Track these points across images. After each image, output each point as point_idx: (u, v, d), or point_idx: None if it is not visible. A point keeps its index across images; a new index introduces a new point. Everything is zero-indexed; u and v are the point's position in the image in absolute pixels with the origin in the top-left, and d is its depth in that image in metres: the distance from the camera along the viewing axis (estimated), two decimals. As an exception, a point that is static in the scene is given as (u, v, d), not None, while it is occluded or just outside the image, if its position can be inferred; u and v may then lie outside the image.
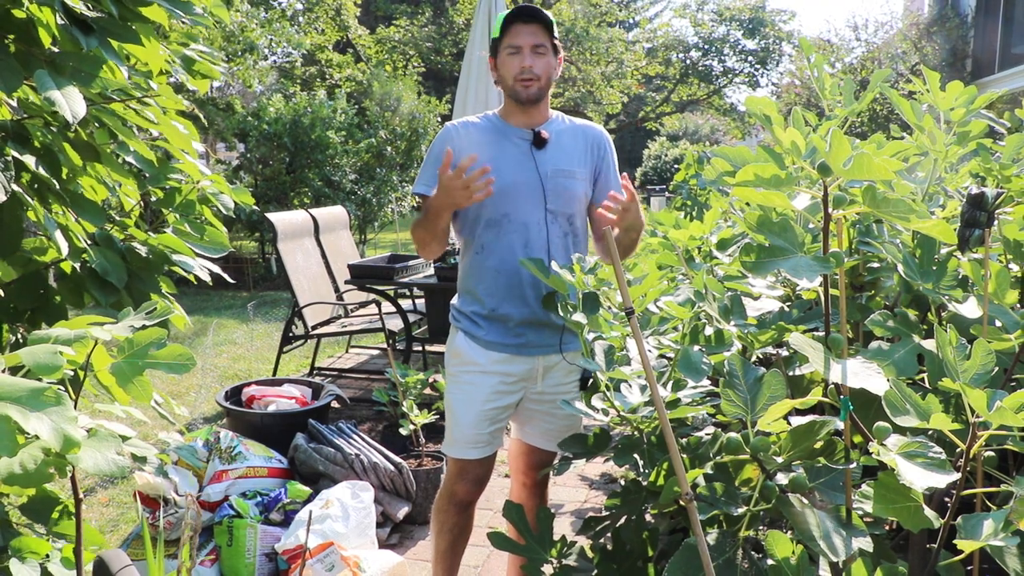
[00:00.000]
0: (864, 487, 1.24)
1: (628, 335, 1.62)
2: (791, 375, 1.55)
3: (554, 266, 1.77)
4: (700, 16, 23.13)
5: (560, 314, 1.73)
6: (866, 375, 1.15)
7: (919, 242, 1.44)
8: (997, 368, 1.19)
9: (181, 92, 6.87)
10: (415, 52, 20.04)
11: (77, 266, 1.57)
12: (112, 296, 1.57)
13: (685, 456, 1.38)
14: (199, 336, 6.42)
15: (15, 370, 0.96)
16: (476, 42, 5.76)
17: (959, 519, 1.07)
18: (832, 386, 1.28)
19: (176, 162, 1.74)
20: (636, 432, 1.52)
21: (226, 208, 1.78)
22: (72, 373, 1.04)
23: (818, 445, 1.27)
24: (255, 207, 2.24)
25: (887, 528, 1.59)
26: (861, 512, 1.25)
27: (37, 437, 0.81)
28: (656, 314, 1.62)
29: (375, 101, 11.41)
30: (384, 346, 5.48)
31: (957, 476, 1.10)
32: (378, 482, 3.03)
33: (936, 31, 14.86)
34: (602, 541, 1.63)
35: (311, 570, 2.47)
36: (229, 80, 12.86)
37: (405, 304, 5.47)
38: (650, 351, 1.55)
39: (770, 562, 1.20)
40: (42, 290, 1.61)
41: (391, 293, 4.99)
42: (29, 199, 1.43)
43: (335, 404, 4.08)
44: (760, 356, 1.58)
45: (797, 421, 1.25)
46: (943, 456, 1.10)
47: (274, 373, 4.87)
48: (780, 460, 1.27)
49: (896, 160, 1.19)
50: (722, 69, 23.44)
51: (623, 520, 1.60)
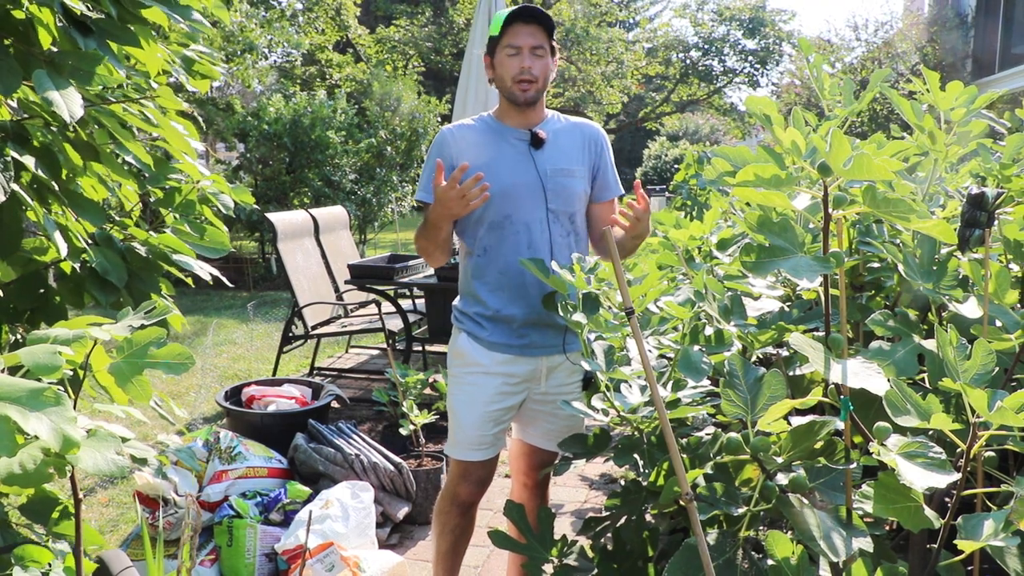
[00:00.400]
0: (864, 487, 1.24)
1: (628, 335, 1.62)
2: (791, 375, 1.55)
3: (554, 266, 1.77)
4: (700, 16, 23.13)
5: (560, 314, 1.73)
6: (866, 375, 1.15)
7: (919, 242, 1.44)
8: (997, 368, 1.19)
9: (181, 92, 6.87)
10: (415, 52, 20.04)
11: (77, 266, 1.57)
12: (112, 296, 1.57)
13: (685, 456, 1.38)
14: (199, 336, 6.42)
15: (14, 370, 0.96)
16: (476, 42, 5.76)
17: (959, 519, 1.07)
18: (832, 386, 1.27)
19: (176, 162, 1.74)
20: (636, 432, 1.52)
21: (226, 207, 1.78)
22: (71, 373, 1.04)
23: (818, 445, 1.27)
24: (255, 206, 2.24)
25: (887, 528, 1.59)
26: (861, 512, 1.25)
27: (36, 437, 0.81)
28: (656, 314, 1.62)
29: (375, 101, 11.40)
30: (384, 346, 5.48)
31: (957, 476, 1.10)
32: (378, 482, 3.03)
33: (936, 31, 14.86)
34: (602, 541, 1.62)
35: (311, 570, 2.47)
36: (229, 80, 12.86)
37: (405, 304, 5.47)
38: (650, 351, 1.55)
39: (770, 562, 1.20)
40: (42, 290, 1.61)
41: (391, 293, 4.98)
42: (29, 199, 1.43)
43: (335, 404, 4.08)
44: (760, 356, 1.58)
45: (797, 421, 1.25)
46: (943, 456, 1.10)
47: (274, 373, 4.87)
48: (780, 460, 1.27)
49: (896, 160, 1.19)
50: (722, 69, 23.44)
51: (623, 520, 1.60)
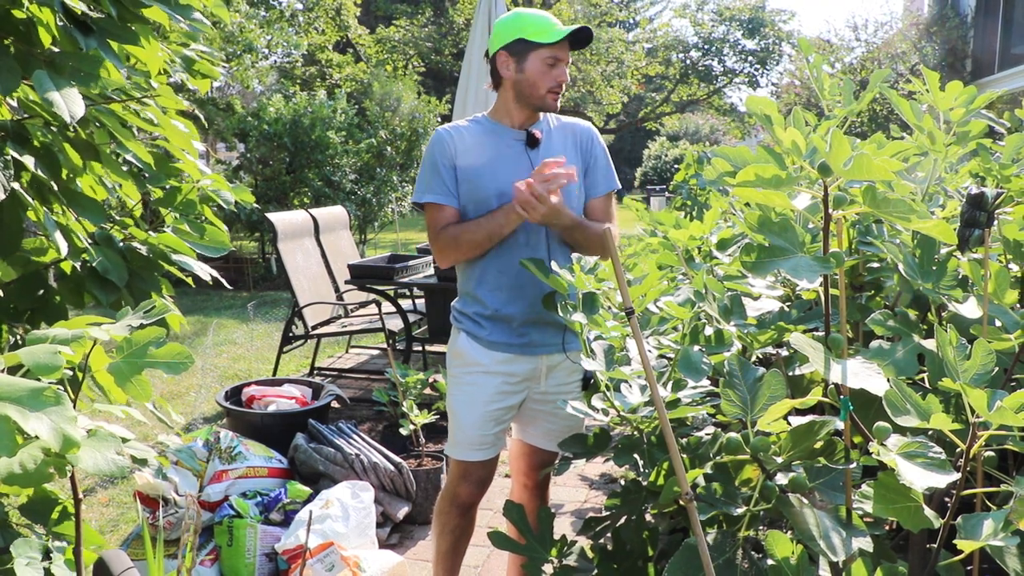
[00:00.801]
0: (864, 487, 1.24)
1: (628, 335, 1.62)
2: (791, 375, 1.55)
3: (554, 266, 1.77)
4: (700, 16, 23.13)
5: (560, 314, 1.73)
6: (866, 375, 1.15)
7: (919, 242, 1.44)
8: (997, 368, 1.18)
9: (181, 91, 6.87)
10: (415, 52, 20.04)
11: (77, 266, 1.57)
12: (112, 295, 1.57)
13: (685, 456, 1.38)
14: (199, 336, 6.42)
15: (14, 370, 0.96)
16: (476, 42, 5.76)
17: (959, 519, 1.07)
18: (832, 386, 1.27)
19: (176, 162, 1.74)
20: (636, 432, 1.52)
21: (226, 203, 1.78)
22: (71, 373, 1.04)
23: (818, 445, 1.27)
24: (255, 206, 2.24)
25: (887, 528, 1.59)
26: (861, 512, 1.25)
27: (37, 437, 0.81)
28: (656, 314, 1.62)
29: (375, 101, 11.40)
30: (384, 346, 5.48)
31: (957, 476, 1.10)
32: (378, 482, 3.03)
33: (936, 31, 14.86)
34: (602, 541, 1.62)
35: (311, 570, 2.47)
36: (229, 80, 12.86)
37: (405, 304, 5.47)
38: (650, 351, 1.55)
39: (770, 562, 1.20)
40: (42, 290, 1.61)
41: (391, 293, 4.98)
42: (29, 199, 1.43)
43: (335, 404, 4.08)
44: (760, 356, 1.58)
45: (797, 421, 1.25)
46: (943, 456, 1.10)
47: (274, 373, 4.87)
48: (780, 460, 1.27)
49: (896, 160, 1.19)
50: (722, 69, 23.43)
51: (623, 520, 1.60)
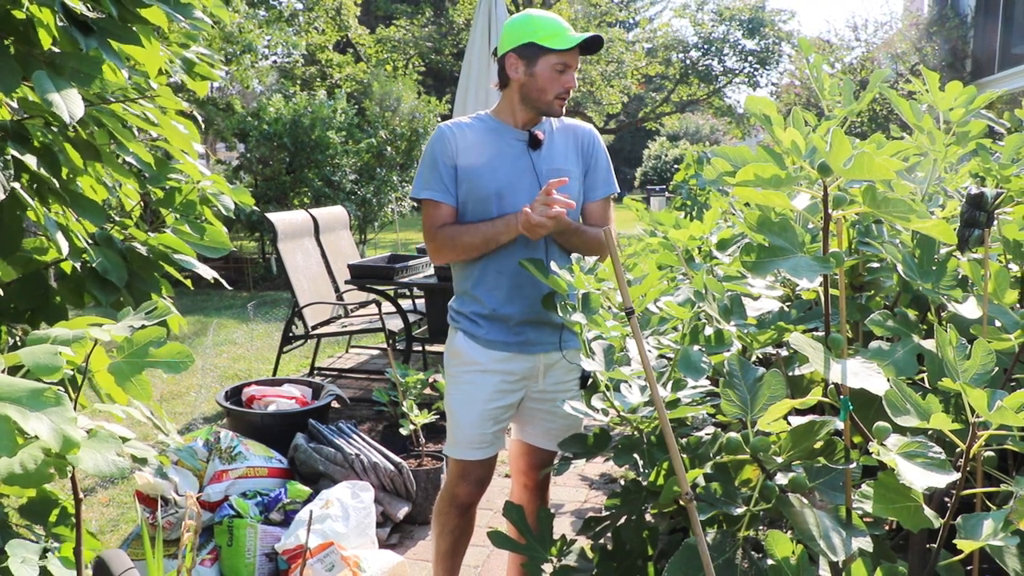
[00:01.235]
0: (864, 487, 1.24)
1: (628, 335, 1.62)
2: (791, 375, 1.55)
3: (553, 266, 1.77)
4: (700, 16, 23.11)
5: (559, 315, 1.73)
6: (866, 375, 1.15)
7: (919, 242, 1.44)
8: (997, 368, 1.18)
9: (181, 92, 6.86)
10: (415, 52, 20.04)
11: (77, 266, 1.57)
12: (112, 296, 1.57)
13: (685, 456, 1.38)
14: (199, 336, 6.42)
15: (14, 370, 0.96)
16: (476, 42, 5.75)
17: (959, 519, 1.07)
18: (832, 386, 1.27)
19: (176, 162, 1.74)
20: (636, 432, 1.52)
21: (226, 209, 1.78)
22: (71, 373, 1.04)
23: (818, 445, 1.27)
24: (255, 207, 2.24)
25: (887, 528, 1.59)
26: (861, 512, 1.25)
27: (37, 437, 0.81)
28: (656, 314, 1.62)
29: (375, 101, 11.40)
30: (384, 346, 5.48)
31: (957, 476, 1.10)
32: (378, 482, 3.03)
33: (936, 31, 14.85)
34: (602, 541, 1.62)
35: (311, 570, 2.47)
36: (227, 83, 12.86)
37: (405, 304, 5.47)
38: (650, 351, 1.55)
39: (770, 562, 1.20)
40: (42, 290, 1.61)
41: (391, 293, 4.98)
42: (29, 199, 1.43)
43: (335, 404, 4.07)
44: (760, 356, 1.58)
45: (797, 421, 1.25)
46: (943, 456, 1.10)
47: (274, 373, 4.87)
48: (780, 460, 1.27)
49: (896, 160, 1.19)
50: (722, 69, 23.42)
51: (623, 520, 1.60)
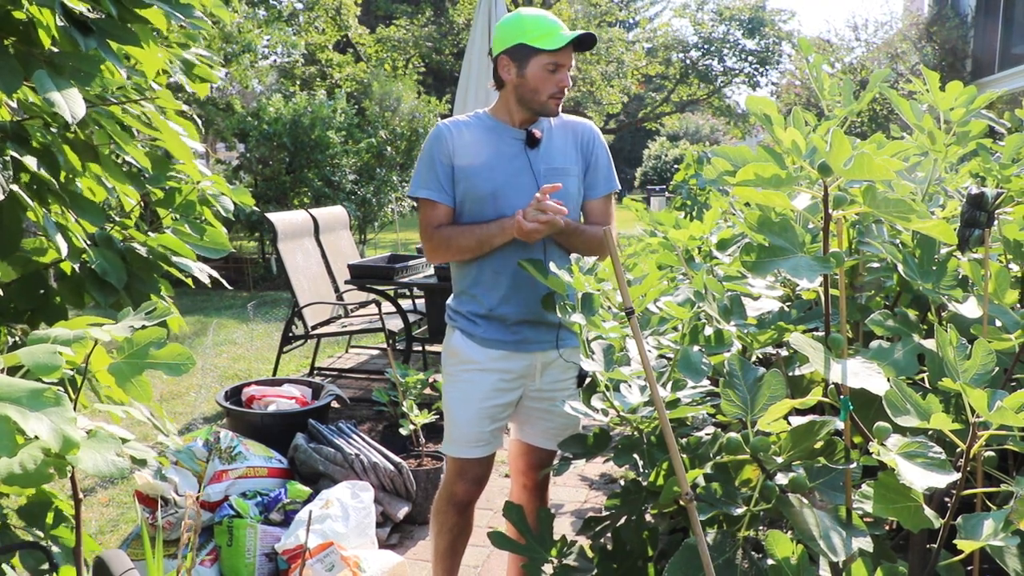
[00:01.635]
0: (864, 487, 1.24)
1: (628, 335, 1.62)
2: (791, 375, 1.55)
3: (552, 267, 1.77)
4: (700, 16, 23.11)
5: (559, 315, 1.73)
6: (866, 375, 1.15)
7: (919, 242, 1.44)
8: (997, 368, 1.18)
9: (181, 92, 6.86)
10: (415, 52, 20.03)
11: (77, 266, 1.57)
12: (112, 297, 1.57)
13: (685, 456, 1.38)
14: (199, 336, 6.42)
15: (14, 370, 0.96)
16: (476, 42, 5.76)
17: (959, 519, 1.07)
18: (832, 386, 1.27)
19: (176, 162, 1.74)
20: (636, 432, 1.52)
21: (226, 210, 1.78)
22: (71, 373, 1.04)
23: (818, 445, 1.27)
24: (255, 207, 2.24)
25: (887, 528, 1.59)
26: (861, 512, 1.25)
27: (36, 437, 0.81)
28: (656, 314, 1.62)
29: (375, 101, 11.41)
30: (384, 346, 5.48)
31: (957, 476, 1.10)
32: (378, 482, 3.03)
33: (936, 31, 14.85)
34: (602, 541, 1.62)
35: (311, 570, 2.47)
36: (227, 83, 12.86)
37: (405, 304, 5.47)
38: (650, 351, 1.55)
39: (770, 562, 1.20)
40: (42, 290, 1.61)
41: (391, 293, 4.98)
42: (28, 200, 1.43)
43: (335, 404, 4.08)
44: (760, 356, 1.58)
45: (797, 421, 1.25)
46: (943, 456, 1.10)
47: (274, 373, 4.87)
48: (780, 460, 1.27)
49: (896, 160, 1.19)
50: (722, 69, 23.42)
51: (623, 520, 1.60)
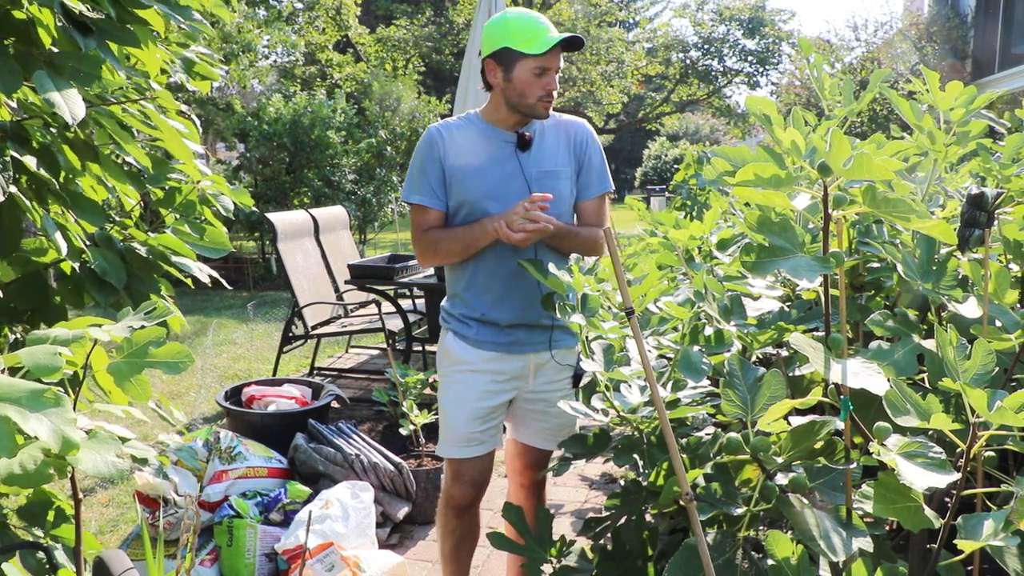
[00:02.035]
0: (864, 487, 1.24)
1: (628, 335, 1.62)
2: (791, 375, 1.55)
3: (552, 267, 1.76)
4: (700, 16, 23.10)
5: (559, 315, 1.73)
6: (866, 375, 1.15)
7: (919, 242, 1.44)
8: (997, 368, 1.18)
9: (181, 92, 6.86)
10: (415, 52, 20.04)
11: (77, 266, 1.57)
12: (112, 297, 1.57)
13: (685, 456, 1.38)
14: (199, 336, 6.42)
15: (14, 371, 0.96)
16: (476, 42, 5.76)
17: (959, 519, 1.07)
18: (832, 386, 1.27)
19: (176, 162, 1.74)
20: (636, 432, 1.52)
21: (226, 210, 1.78)
22: (71, 374, 1.04)
23: (818, 445, 1.27)
24: (255, 207, 2.24)
25: (887, 528, 1.59)
26: (861, 512, 1.25)
27: (36, 438, 0.81)
28: (656, 314, 1.62)
29: (375, 101, 11.41)
30: (384, 346, 5.48)
31: (957, 476, 1.10)
32: (378, 482, 3.03)
33: (936, 31, 14.85)
34: (602, 541, 1.62)
35: (311, 570, 2.47)
36: (227, 83, 12.86)
37: (405, 304, 5.47)
38: (650, 351, 1.55)
39: (770, 562, 1.20)
40: (42, 290, 1.61)
41: (391, 293, 4.98)
42: (27, 201, 1.43)
43: (335, 404, 4.07)
44: (760, 356, 1.58)
45: (797, 421, 1.25)
46: (943, 456, 1.10)
47: (274, 373, 4.87)
48: (780, 460, 1.27)
49: (896, 160, 1.19)
50: (722, 69, 23.41)
51: (623, 520, 1.60)
